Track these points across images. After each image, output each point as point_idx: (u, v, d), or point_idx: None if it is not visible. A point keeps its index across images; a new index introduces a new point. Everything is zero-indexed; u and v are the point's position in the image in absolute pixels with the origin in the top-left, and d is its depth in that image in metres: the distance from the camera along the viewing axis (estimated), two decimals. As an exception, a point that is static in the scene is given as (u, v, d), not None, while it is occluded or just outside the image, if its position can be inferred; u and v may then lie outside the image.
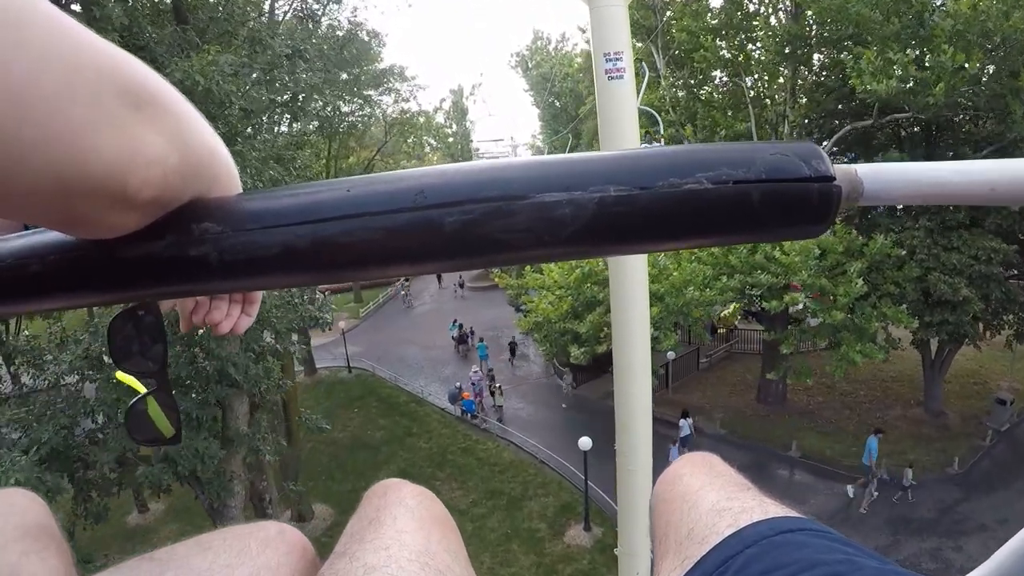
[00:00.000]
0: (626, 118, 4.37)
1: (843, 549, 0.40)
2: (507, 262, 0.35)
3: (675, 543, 0.49)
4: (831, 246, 11.77)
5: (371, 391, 21.00)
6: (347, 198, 0.32)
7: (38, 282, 0.32)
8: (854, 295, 11.16)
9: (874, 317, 11.68)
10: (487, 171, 0.33)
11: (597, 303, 12.24)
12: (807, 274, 11.25)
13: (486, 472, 14.86)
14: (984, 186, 0.35)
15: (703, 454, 0.63)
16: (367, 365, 23.19)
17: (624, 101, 4.30)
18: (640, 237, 0.34)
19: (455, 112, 36.96)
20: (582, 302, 12.45)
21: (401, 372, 22.31)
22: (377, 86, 19.03)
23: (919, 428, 15.98)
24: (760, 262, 11.94)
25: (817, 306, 11.27)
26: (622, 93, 4.25)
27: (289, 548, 0.53)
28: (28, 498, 0.55)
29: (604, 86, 4.23)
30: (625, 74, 4.21)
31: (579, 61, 31.74)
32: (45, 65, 0.22)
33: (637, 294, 4.55)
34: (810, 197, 0.34)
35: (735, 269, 12.09)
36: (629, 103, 4.38)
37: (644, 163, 0.33)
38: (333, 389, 21.70)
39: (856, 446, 15.74)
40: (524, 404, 18.41)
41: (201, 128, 0.33)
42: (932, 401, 16.27)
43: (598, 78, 4.24)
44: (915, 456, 14.18)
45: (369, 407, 19.67)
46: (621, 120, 4.34)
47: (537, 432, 16.49)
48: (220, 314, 0.52)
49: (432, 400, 19.40)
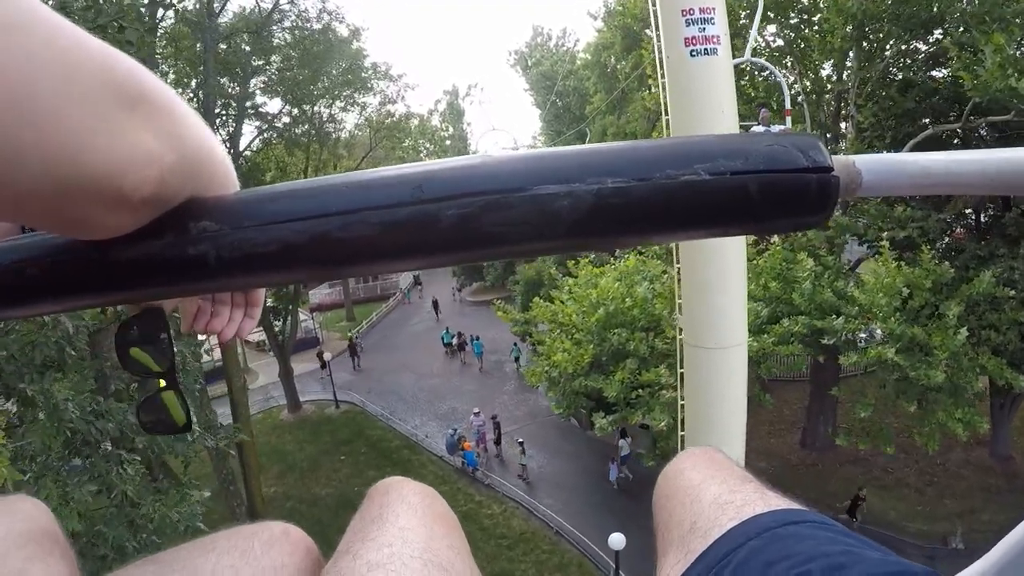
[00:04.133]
0: (717, 104, 2.94)
1: (845, 540, 0.40)
2: (506, 255, 0.34)
3: (678, 537, 0.49)
4: (918, 281, 9.40)
5: (360, 432, 18.67)
6: (345, 194, 0.32)
7: (37, 285, 0.32)
8: (954, 347, 8.78)
9: (973, 372, 9.30)
10: (485, 164, 0.33)
11: (626, 355, 9.87)
12: (895, 321, 8.88)
13: (492, 548, 12.49)
14: (983, 176, 0.35)
15: (704, 448, 0.63)
16: (356, 399, 20.88)
17: (715, 82, 2.87)
18: (638, 229, 0.34)
19: (451, 114, 34.66)
20: (608, 352, 10.09)
21: (394, 407, 20.01)
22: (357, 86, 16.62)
23: (986, 477, 13.73)
24: (830, 301, 9.57)
25: (907, 361, 8.89)
26: (712, 71, 2.83)
27: (293, 548, 0.52)
28: (32, 504, 0.54)
29: (681, 65, 2.89)
30: (720, 45, 2.80)
31: (585, 57, 29.41)
32: (40, 67, 0.22)
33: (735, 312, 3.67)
34: (808, 188, 0.34)
35: (798, 309, 9.73)
36: (722, 84, 2.92)
37: (641, 155, 0.33)
38: (319, 430, 19.36)
39: (921, 503, 13.52)
40: (534, 451, 16.02)
41: (197, 126, 0.32)
42: (999, 444, 14.06)
43: (670, 53, 3.01)
44: (989, 516, 11.98)
45: (357, 454, 17.33)
46: (709, 108, 2.93)
47: (552, 489, 14.13)
48: (221, 322, 0.51)
49: (428, 445, 17.05)
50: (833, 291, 9.64)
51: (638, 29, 15.61)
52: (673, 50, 2.89)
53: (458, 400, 19.84)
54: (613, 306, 10.25)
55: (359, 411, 20.25)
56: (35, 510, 0.53)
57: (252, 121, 14.10)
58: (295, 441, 18.85)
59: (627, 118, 24.67)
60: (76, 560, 0.52)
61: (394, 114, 19.46)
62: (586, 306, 10.67)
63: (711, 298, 3.77)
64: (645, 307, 10.28)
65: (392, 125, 19.87)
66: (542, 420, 17.37)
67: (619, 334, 9.91)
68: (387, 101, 18.73)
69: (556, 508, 13.25)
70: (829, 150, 0.34)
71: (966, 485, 13.53)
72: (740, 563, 0.40)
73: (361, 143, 21.85)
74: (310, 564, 0.52)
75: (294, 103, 14.28)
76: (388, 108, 18.98)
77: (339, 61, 14.85)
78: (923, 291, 9.41)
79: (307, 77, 13.73)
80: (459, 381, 21.39)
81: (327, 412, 20.61)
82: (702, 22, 2.82)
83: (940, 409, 9.13)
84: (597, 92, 26.34)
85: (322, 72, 14.32)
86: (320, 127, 15.99)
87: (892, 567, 0.37)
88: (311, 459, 17.55)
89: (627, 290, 10.60)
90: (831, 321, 9.20)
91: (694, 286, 3.98)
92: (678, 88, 3.02)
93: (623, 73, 21.10)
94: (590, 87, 27.62)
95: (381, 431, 18.49)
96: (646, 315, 10.26)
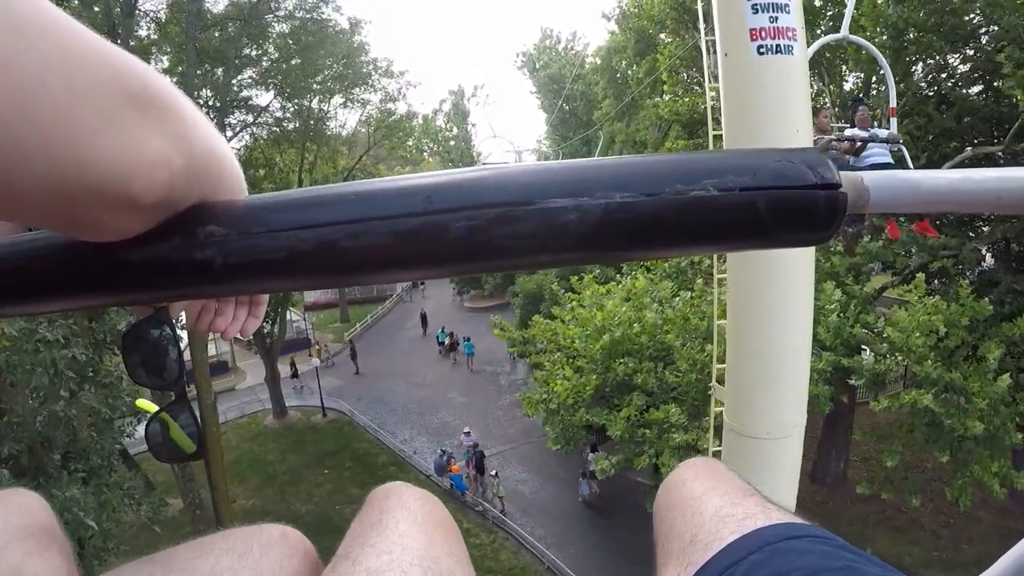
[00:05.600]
0: (789, 116, 2.25)
1: (846, 556, 0.40)
2: (513, 267, 0.35)
3: (678, 549, 0.49)
4: (954, 318, 8.56)
5: (346, 444, 17.81)
6: (354, 202, 0.32)
7: (43, 284, 0.33)
8: (994, 394, 7.94)
9: (1012, 422, 8.46)
10: (494, 177, 0.33)
11: (633, 387, 9.03)
12: (932, 364, 8.03)
13: (479, 583, 11.64)
14: (990, 194, 0.36)
15: (706, 459, 0.62)
16: (345, 407, 20.03)
17: (788, 87, 2.20)
18: (646, 244, 0.34)
19: (455, 115, 33.83)
20: (612, 383, 9.25)
21: (383, 418, 19.15)
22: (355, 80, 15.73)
23: (1005, 521, 12.88)
24: (861, 336, 8.73)
25: (942, 407, 8.04)
26: (785, 73, 2.16)
27: (291, 551, 0.52)
28: (30, 498, 0.54)
29: (742, 65, 2.20)
30: (796, 41, 2.11)
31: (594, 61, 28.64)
32: (50, 68, 0.22)
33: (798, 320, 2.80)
34: (816, 204, 0.34)
35: (823, 344, 8.89)
36: (797, 91, 2.24)
37: (650, 170, 0.33)
38: (304, 439, 18.51)
39: (937, 547, 12.71)
40: (528, 475, 15.16)
41: (207, 131, 0.32)
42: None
43: (728, 50, 2.22)
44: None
45: (342, 468, 16.46)
46: (779, 121, 2.23)
47: (545, 519, 13.27)
48: (225, 320, 0.52)
49: (416, 463, 16.18)
50: (863, 326, 8.79)
51: (654, 32, 14.76)
52: (733, 46, 2.22)
53: (450, 413, 18.99)
54: (620, 332, 9.40)
55: (347, 420, 19.40)
56: (33, 504, 0.53)
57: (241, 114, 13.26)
58: (278, 450, 17.99)
59: (636, 125, 23.87)
60: (73, 555, 0.52)
61: (395, 112, 18.59)
62: (590, 330, 9.82)
63: (766, 370, 2.93)
64: (655, 334, 9.44)
65: (393, 124, 19.01)
66: (538, 441, 16.46)
67: (625, 364, 9.07)
68: (388, 99, 17.88)
69: (549, 541, 12.39)
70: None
71: (983, 528, 12.70)
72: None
73: (361, 141, 21.01)
74: (308, 567, 0.52)
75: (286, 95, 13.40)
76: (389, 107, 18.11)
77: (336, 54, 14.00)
78: (959, 329, 8.57)
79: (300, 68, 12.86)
80: (452, 393, 20.55)
81: (313, 420, 19.77)
82: (774, 9, 2.15)
83: (974, 462, 8.28)
84: (606, 97, 25.54)
85: (317, 64, 13.45)
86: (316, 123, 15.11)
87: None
88: (293, 471, 16.70)
89: (635, 314, 9.75)
90: (860, 360, 8.36)
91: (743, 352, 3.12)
92: (737, 95, 2.32)
93: (635, 78, 20.26)
94: (599, 92, 26.82)
95: (368, 444, 17.63)
96: (655, 343, 9.42)
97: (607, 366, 9.31)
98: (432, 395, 20.63)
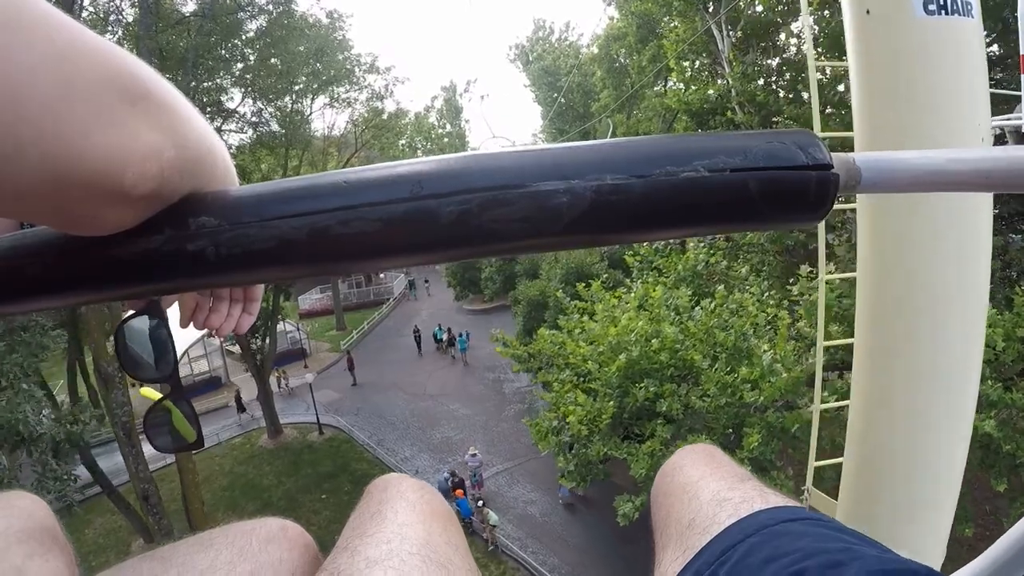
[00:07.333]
0: (966, 100, 1.54)
1: (843, 538, 0.40)
2: (506, 252, 0.34)
3: (676, 533, 0.49)
4: (1009, 329, 7.61)
5: (344, 465, 16.90)
6: (344, 189, 0.32)
7: (36, 280, 0.33)
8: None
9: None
10: (484, 160, 0.33)
11: (655, 413, 8.08)
12: (991, 384, 7.09)
13: (489, 623, 10.79)
14: (979, 174, 0.36)
15: (703, 445, 0.62)
16: (343, 424, 19.11)
17: (962, 60, 1.52)
18: (638, 226, 0.34)
19: (448, 111, 32.70)
20: (631, 409, 8.29)
21: (383, 434, 18.24)
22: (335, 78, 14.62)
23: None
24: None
25: (1001, 432, 7.12)
26: (960, 40, 1.51)
27: (291, 544, 0.52)
28: (31, 501, 0.54)
29: (900, 27, 1.51)
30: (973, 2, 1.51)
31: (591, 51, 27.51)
32: (41, 62, 0.22)
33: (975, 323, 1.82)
34: (808, 185, 0.34)
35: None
36: (973, 67, 1.55)
37: (641, 151, 0.33)
38: (300, 459, 17.59)
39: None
40: (537, 495, 14.26)
41: (197, 122, 0.32)
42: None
43: (878, 8, 1.57)
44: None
45: (340, 492, 15.55)
46: (952, 104, 1.54)
47: (559, 547, 12.37)
48: (219, 318, 0.52)
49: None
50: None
51: (659, 16, 13.69)
52: (887, 3, 1.56)
53: (453, 428, 18.08)
54: (637, 350, 8.43)
55: (344, 438, 18.48)
56: (34, 506, 0.53)
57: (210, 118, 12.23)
58: (273, 473, 17.08)
59: (638, 116, 22.80)
60: (74, 557, 0.52)
61: (383, 111, 17.48)
62: (604, 348, 8.84)
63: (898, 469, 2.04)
64: (675, 350, 8.47)
65: (381, 124, 17.91)
66: (547, 456, 15.60)
67: (646, 387, 8.11)
68: (375, 97, 16.76)
69: (563, 571, 11.52)
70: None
71: None
72: (738, 560, 0.40)
73: (351, 142, 19.93)
74: (308, 560, 0.52)
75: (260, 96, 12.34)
76: (376, 105, 17.00)
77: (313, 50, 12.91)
78: (1014, 342, 7.62)
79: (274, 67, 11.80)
80: (454, 405, 19.64)
81: (309, 438, 18.84)
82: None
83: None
84: (605, 88, 24.47)
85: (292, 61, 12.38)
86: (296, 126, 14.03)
87: (890, 564, 0.36)
88: (289, 497, 15.80)
89: (652, 327, 8.77)
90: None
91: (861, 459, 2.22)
92: (884, 70, 1.63)
93: (636, 66, 19.17)
94: (596, 83, 25.72)
95: (367, 465, 16.72)
96: (677, 360, 8.45)
97: (625, 390, 8.36)
98: (433, 407, 19.71)
